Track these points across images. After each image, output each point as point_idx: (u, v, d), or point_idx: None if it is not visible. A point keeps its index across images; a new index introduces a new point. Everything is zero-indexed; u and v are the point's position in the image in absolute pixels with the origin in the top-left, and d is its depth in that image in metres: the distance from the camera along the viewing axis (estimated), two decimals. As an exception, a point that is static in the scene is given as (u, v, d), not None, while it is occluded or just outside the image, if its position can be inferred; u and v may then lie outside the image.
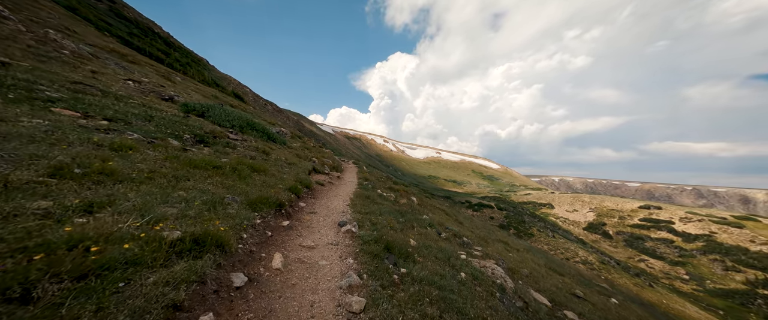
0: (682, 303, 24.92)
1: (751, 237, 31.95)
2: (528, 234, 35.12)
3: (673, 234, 35.17)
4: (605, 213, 42.46)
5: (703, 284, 29.28)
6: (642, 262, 33.67)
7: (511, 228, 36.98)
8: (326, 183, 8.25)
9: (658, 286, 28.17)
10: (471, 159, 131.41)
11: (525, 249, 9.93)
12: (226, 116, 7.87)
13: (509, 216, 40.28)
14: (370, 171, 16.06)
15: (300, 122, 54.87)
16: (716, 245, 32.17)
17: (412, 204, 8.66)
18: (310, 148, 14.20)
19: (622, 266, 30.55)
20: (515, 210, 43.67)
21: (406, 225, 4.99)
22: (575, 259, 29.75)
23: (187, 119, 6.31)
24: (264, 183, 4.88)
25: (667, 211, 39.32)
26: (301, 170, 7.58)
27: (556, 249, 31.74)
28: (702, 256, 31.74)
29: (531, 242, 33.45)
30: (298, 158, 9.54)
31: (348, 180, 10.11)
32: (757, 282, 27.73)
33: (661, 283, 30.00)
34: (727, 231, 33.56)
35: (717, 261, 30.76)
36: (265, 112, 31.76)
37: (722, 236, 33.14)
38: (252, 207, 3.52)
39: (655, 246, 34.67)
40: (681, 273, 31.11)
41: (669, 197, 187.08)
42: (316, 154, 12.96)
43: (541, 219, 41.68)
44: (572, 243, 33.58)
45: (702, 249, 32.35)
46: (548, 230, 36.18)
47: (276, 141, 9.89)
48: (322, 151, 15.90)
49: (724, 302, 27.11)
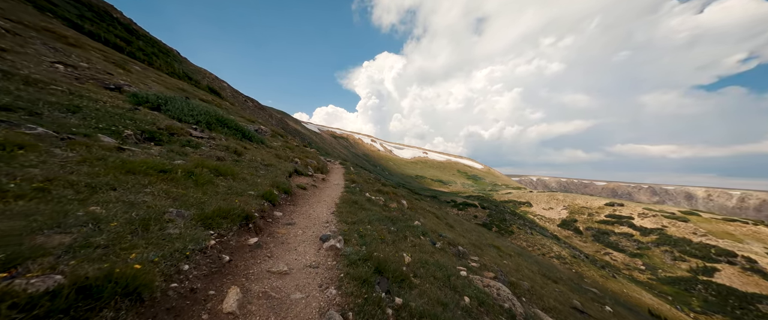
0: (639, 291, 27.25)
1: (693, 230, 36.01)
2: (509, 232, 36.49)
3: (633, 229, 38.58)
4: (576, 210, 45.56)
5: (656, 273, 32.39)
6: (607, 255, 36.51)
7: (494, 226, 38.21)
8: (309, 186, 7.43)
9: (620, 277, 30.64)
10: (456, 159, 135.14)
11: (516, 253, 9.90)
12: (189, 110, 6.71)
13: (492, 214, 41.62)
14: (357, 172, 15.29)
15: (284, 120, 52.25)
16: (667, 237, 35.81)
17: (403, 208, 8.12)
18: (293, 148, 13.10)
19: (591, 259, 32.82)
20: (497, 208, 45.27)
21: (398, 235, 4.41)
22: (550, 255, 31.37)
23: (134, 112, 5.17)
24: (230, 191, 4.02)
25: (628, 208, 43.11)
26: (280, 172, 6.69)
27: (533, 246, 33.27)
28: (655, 248, 35.14)
29: (512, 239, 34.77)
30: (277, 159, 8.57)
31: (334, 183, 9.33)
32: (698, 270, 31.24)
33: (623, 274, 32.71)
34: (675, 224, 37.50)
35: (667, 252, 34.21)
36: (244, 108, 29.55)
37: (671, 229, 36.97)
38: (206, 224, 2.72)
39: (618, 240, 37.77)
40: (638, 264, 34.18)
41: (629, 194, 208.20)
42: (298, 154, 11.97)
43: (520, 217, 43.60)
44: (548, 239, 35.45)
45: (656, 242, 35.81)
46: (527, 227, 37.89)
47: (253, 139, 8.82)
48: (305, 151, 14.81)
49: (672, 288, 30.18)
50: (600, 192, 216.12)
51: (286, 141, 15.29)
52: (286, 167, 7.72)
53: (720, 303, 27.13)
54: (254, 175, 5.57)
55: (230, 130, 7.70)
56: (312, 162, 11.04)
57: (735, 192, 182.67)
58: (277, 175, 6.31)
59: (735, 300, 26.86)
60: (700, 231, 35.53)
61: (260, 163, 6.83)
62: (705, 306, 27.06)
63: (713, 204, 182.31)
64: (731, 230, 35.50)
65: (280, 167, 7.29)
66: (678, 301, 27.95)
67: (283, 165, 7.94)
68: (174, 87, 12.08)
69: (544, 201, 51.63)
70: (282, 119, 50.76)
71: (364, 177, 13.10)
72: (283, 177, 6.53)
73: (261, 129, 13.16)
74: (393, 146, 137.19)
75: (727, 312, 25.97)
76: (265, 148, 9.43)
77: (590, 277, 27.46)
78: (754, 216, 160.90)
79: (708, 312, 26.22)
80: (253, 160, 6.75)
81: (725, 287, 28.10)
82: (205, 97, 15.42)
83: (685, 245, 33.89)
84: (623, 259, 35.43)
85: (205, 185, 3.73)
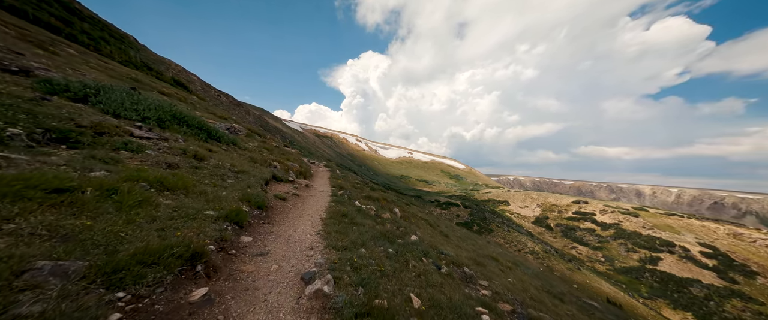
0: (599, 282, 29.75)
1: (643, 224, 40.44)
2: (488, 230, 37.84)
3: (595, 224, 42.26)
4: (548, 208, 48.82)
5: (613, 264, 35.77)
6: (573, 249, 39.54)
7: (475, 224, 39.37)
8: (290, 196, 6.34)
9: (584, 269, 33.29)
10: (440, 159, 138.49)
11: (513, 263, 9.73)
12: (133, 103, 5.24)
13: (473, 213, 42.88)
14: (344, 175, 14.21)
15: (263, 118, 48.73)
16: (622, 231, 39.75)
17: (396, 218, 7.37)
18: (272, 149, 11.65)
19: (560, 254, 35.26)
20: (478, 207, 46.76)
21: (398, 260, 3.64)
22: (525, 251, 33.03)
23: (39, 103, 3.72)
24: (176, 213, 2.92)
25: (591, 205, 47.20)
26: (254, 180, 5.53)
27: (510, 243, 34.82)
28: (613, 241, 38.81)
29: (491, 237, 36.07)
30: (252, 163, 7.29)
31: (319, 190, 8.27)
32: (646, 260, 35.07)
33: (586, 266, 35.64)
34: (628, 219, 41.80)
35: (622, 245, 37.95)
36: (217, 104, 26.67)
37: (626, 224, 41.13)
38: (113, 280, 1.70)
39: (583, 235, 41.10)
40: (599, 257, 37.50)
41: (592, 192, 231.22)
42: (278, 156, 10.62)
43: (499, 216, 45.51)
44: (523, 236, 37.37)
45: (613, 236, 39.57)
46: (505, 226, 39.57)
47: (222, 140, 7.43)
48: (286, 152, 13.34)
49: (625, 277, 33.50)
50: (567, 190, 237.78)
51: (265, 141, 13.69)
52: (262, 173, 6.52)
53: (662, 289, 30.62)
54: (218, 187, 4.41)
55: (191, 128, 6.29)
56: (294, 166, 9.81)
57: (674, 190, 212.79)
58: (250, 185, 5.16)
59: (673, 285, 30.50)
60: (648, 224, 39.98)
61: (229, 170, 5.60)
62: (651, 291, 30.38)
63: (657, 200, 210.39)
64: (671, 223, 40.49)
65: (254, 173, 6.10)
66: (630, 288, 31.09)
67: (259, 170, 6.72)
68: (123, 76, 10.00)
69: (520, 200, 54.65)
70: (261, 117, 47.28)
71: (352, 182, 12.11)
72: (258, 186, 5.39)
73: (234, 127, 11.55)
74: (378, 146, 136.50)
75: (668, 295, 29.40)
76: (237, 149, 8.06)
77: (559, 271, 29.37)
78: (687, 209, 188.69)
79: (653, 297, 29.47)
80: (219, 166, 5.50)
81: (666, 274, 31.78)
82: (167, 90, 13.22)
83: (637, 238, 37.86)
84: (587, 252, 38.60)
85: (134, 208, 2.60)
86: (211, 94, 28.07)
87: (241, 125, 14.43)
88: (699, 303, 27.46)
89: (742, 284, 29.17)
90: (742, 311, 26.11)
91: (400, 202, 11.83)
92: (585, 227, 42.13)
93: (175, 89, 16.14)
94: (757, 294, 27.75)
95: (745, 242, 35.51)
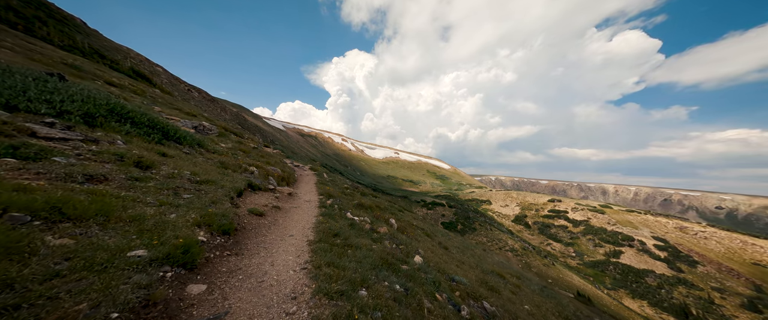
0: (570, 276, 31.66)
1: (608, 220, 43.92)
2: (472, 229, 38.67)
3: (567, 221, 45.09)
4: (526, 206, 51.26)
5: (583, 258, 38.39)
6: (548, 246, 41.84)
7: (459, 224, 40.04)
8: (270, 209, 5.21)
9: (558, 264, 35.30)
10: (426, 159, 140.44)
11: (517, 276, 9.33)
12: (44, 92, 3.78)
13: (458, 213, 43.61)
14: (331, 178, 12.99)
15: (241, 115, 45.20)
16: (590, 227, 42.84)
17: (393, 231, 6.52)
18: (249, 151, 10.15)
19: (537, 250, 37.04)
20: (462, 207, 47.70)
21: (410, 304, 2.81)
22: (506, 248, 34.18)
23: None
24: (64, 268, 1.80)
25: (564, 203, 50.37)
26: (222, 194, 4.34)
27: (492, 241, 35.84)
28: (583, 237, 41.67)
29: (474, 235, 36.90)
30: (222, 170, 5.98)
31: (304, 199, 7.12)
32: (610, 254, 38.09)
33: (559, 261, 37.88)
34: (596, 216, 45.18)
35: (590, 240, 40.88)
36: (187, 99, 23.87)
37: (594, 220, 44.40)
38: None
39: (557, 232, 43.64)
40: (571, 252, 40.05)
41: (564, 191, 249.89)
42: (256, 158, 9.21)
43: (482, 215, 46.81)
44: (504, 234, 38.73)
45: (583, 232, 42.49)
46: (487, 224, 40.71)
47: (183, 141, 6.01)
48: (266, 154, 11.79)
49: (593, 271, 36.10)
50: (543, 189, 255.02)
51: (241, 141, 12.03)
52: (234, 182, 5.27)
53: (623, 280, 33.38)
54: (167, 207, 3.23)
55: (138, 127, 4.87)
56: (275, 171, 8.48)
57: (632, 188, 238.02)
58: (216, 200, 3.98)
59: (632, 276, 33.41)
60: (612, 221, 43.50)
61: (188, 181, 4.34)
62: (614, 283, 33.00)
63: (619, 198, 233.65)
64: (631, 219, 44.48)
65: (224, 183, 4.85)
66: (597, 281, 33.52)
67: (230, 179, 5.44)
68: (55, 61, 7.96)
69: (501, 199, 56.83)
70: (239, 114, 43.77)
71: (340, 187, 11.00)
72: (226, 201, 4.22)
73: (203, 126, 9.94)
74: (365, 146, 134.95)
75: (627, 286, 32.11)
76: (204, 152, 6.65)
77: (536, 267, 30.76)
78: (643, 206, 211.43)
79: (616, 288, 32.04)
80: (173, 177, 4.22)
81: (627, 266, 34.72)
82: (120, 81, 11.08)
83: (603, 233, 40.98)
84: (560, 248, 41.04)
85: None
86: (179, 88, 25.03)
87: (215, 123, 12.67)
88: (653, 291, 30.30)
89: (687, 272, 32.71)
90: (686, 297, 29.23)
91: (393, 209, 10.98)
92: (559, 224, 44.78)
93: (133, 81, 13.82)
94: (698, 280, 31.27)
95: (688, 235, 40.05)
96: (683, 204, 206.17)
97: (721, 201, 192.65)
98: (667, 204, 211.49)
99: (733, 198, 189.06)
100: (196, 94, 28.43)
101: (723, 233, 39.69)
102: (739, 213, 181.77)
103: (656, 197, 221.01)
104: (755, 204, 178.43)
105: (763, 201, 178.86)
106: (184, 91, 26.01)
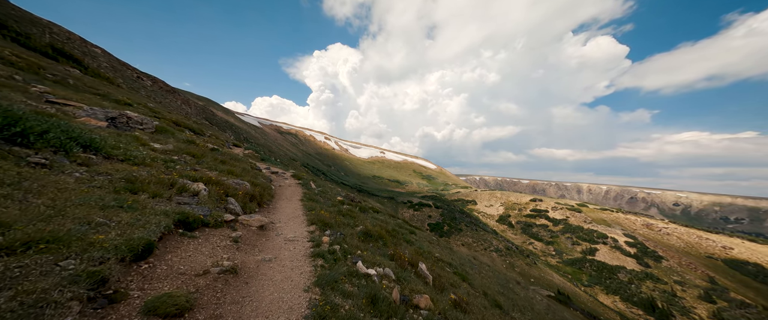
0: (551, 274, 33.04)
1: (584, 219, 46.67)
2: (458, 230, 39.03)
3: (548, 220, 47.25)
4: (510, 206, 53.04)
5: (562, 257, 40.42)
6: (530, 245, 43.53)
7: (446, 225, 40.24)
8: (213, 280, 2.84)
9: (539, 263, 36.79)
10: (412, 159, 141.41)
11: (528, 308, 8.24)
12: None
13: (444, 214, 43.87)
14: (321, 188, 11.10)
15: (208, 109, 41.56)
16: (569, 226, 45.23)
17: (430, 289, 4.75)
18: (203, 154, 7.51)
19: (520, 250, 38.32)
20: (448, 208, 48.11)
21: None
22: (491, 249, 34.85)
23: None
24: None
25: (545, 203, 52.81)
26: (65, 278, 1.84)
27: (478, 241, 36.41)
28: (562, 235, 43.88)
29: (461, 236, 37.25)
30: (117, 200, 3.28)
31: (286, 235, 4.87)
32: (587, 251, 40.47)
33: (541, 260, 39.57)
34: (574, 215, 47.83)
35: (569, 238, 43.13)
36: (136, 89, 20.97)
37: (572, 219, 46.94)
38: None
39: (538, 231, 45.55)
40: (551, 251, 42.00)
41: (544, 190, 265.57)
42: (212, 166, 6.81)
43: (467, 215, 47.55)
44: (489, 234, 39.57)
45: (562, 230, 44.75)
46: (473, 225, 41.33)
47: (43, 145, 3.96)
48: (232, 159, 8.93)
49: (571, 268, 38.11)
50: (525, 188, 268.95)
51: (195, 138, 10.10)
52: (130, 228, 2.83)
53: (598, 276, 35.52)
54: None
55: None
56: (239, 186, 6.11)
57: (603, 187, 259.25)
58: (51, 302, 1.73)
59: (606, 273, 35.68)
60: (588, 219, 46.26)
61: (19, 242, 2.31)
62: (590, 279, 35.02)
63: (592, 196, 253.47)
64: (605, 217, 47.67)
65: (95, 238, 2.40)
66: (574, 278, 35.41)
67: (128, 219, 2.98)
68: None
69: (486, 199, 58.35)
70: (206, 108, 40.15)
71: (333, 199, 9.18)
72: (70, 300, 1.94)
73: (127, 118, 8.18)
74: (349, 145, 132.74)
75: (602, 282, 34.22)
76: (99, 163, 4.33)
77: (519, 266, 31.67)
78: (613, 203, 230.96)
79: (591, 285, 34.02)
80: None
81: (601, 263, 37.01)
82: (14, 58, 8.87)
83: (580, 231, 43.41)
84: (541, 247, 42.85)
85: None
86: (126, 74, 21.92)
87: (160, 115, 10.70)
88: (624, 286, 32.54)
89: (653, 267, 35.60)
90: (652, 291, 31.71)
91: (404, 232, 9.04)
92: (540, 223, 46.77)
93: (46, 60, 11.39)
94: (662, 274, 34.11)
95: (653, 231, 43.75)
96: (647, 202, 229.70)
97: (677, 199, 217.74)
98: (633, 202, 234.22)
99: (687, 195, 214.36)
100: (149, 82, 25.23)
101: (682, 229, 43.85)
102: (693, 209, 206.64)
103: (624, 195, 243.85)
104: (705, 201, 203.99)
105: (711, 198, 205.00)
106: (133, 78, 22.89)
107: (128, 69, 22.86)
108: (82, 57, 15.72)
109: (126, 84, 19.96)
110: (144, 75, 25.22)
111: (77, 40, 18.62)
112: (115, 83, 17.04)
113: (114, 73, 19.35)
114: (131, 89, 20.21)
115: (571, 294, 25.66)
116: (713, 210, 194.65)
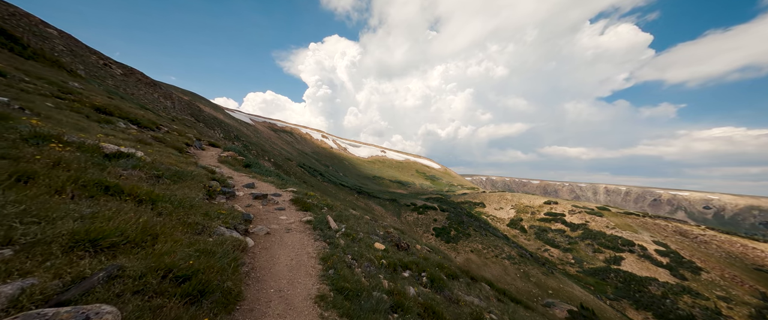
0: (571, 285, 30.20)
1: (606, 224, 43.52)
2: (466, 235, 36.52)
3: (565, 225, 44.26)
4: (522, 209, 50.17)
5: (582, 265, 37.49)
6: (546, 252, 40.67)
7: (452, 229, 37.85)
8: None
9: (557, 272, 33.98)
10: (415, 159, 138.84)
11: None
12: None
13: (450, 217, 41.45)
14: (345, 229, 4.54)
15: (194, 104, 40.17)
16: (589, 231, 42.19)
17: None
18: (150, 158, 4.68)
19: (534, 257, 35.60)
20: (455, 210, 45.62)
21: None
22: (502, 256, 32.26)
23: None
24: None
25: (560, 205, 49.78)
26: None
27: (488, 248, 33.87)
28: (581, 242, 40.88)
29: (469, 242, 34.80)
30: None
31: None
32: (611, 260, 37.44)
33: (558, 269, 36.76)
34: (594, 219, 44.70)
35: (589, 245, 40.11)
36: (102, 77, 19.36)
37: (592, 224, 43.85)
38: None
39: (554, 237, 42.61)
40: (569, 259, 39.07)
41: (556, 191, 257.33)
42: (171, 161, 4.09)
43: (475, 219, 44.96)
44: (500, 240, 36.93)
45: (581, 236, 41.72)
46: (482, 230, 38.77)
47: None
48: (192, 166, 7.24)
49: (593, 279, 35.15)
50: (535, 189, 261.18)
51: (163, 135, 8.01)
52: None
53: (625, 289, 32.49)
54: None
55: None
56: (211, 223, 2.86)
57: (622, 188, 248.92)
58: None
59: (635, 285, 32.62)
60: (610, 224, 43.08)
61: None
62: (616, 292, 32.05)
63: (610, 198, 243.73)
64: (630, 222, 44.35)
65: None
66: (598, 290, 32.49)
67: None
68: None
69: (495, 201, 55.54)
70: (191, 103, 38.75)
71: (373, 253, 4.10)
72: None
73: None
74: (348, 143, 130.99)
75: (631, 295, 31.19)
76: None
77: (535, 276, 29.01)
78: (634, 206, 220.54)
79: (618, 298, 31.05)
80: None
81: (629, 274, 33.94)
82: None
83: (602, 237, 40.31)
84: (558, 254, 39.92)
85: None
86: (88, 60, 20.36)
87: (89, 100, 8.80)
88: (657, 301, 29.50)
89: (690, 280, 32.34)
90: (692, 307, 28.59)
91: None
92: (556, 228, 43.82)
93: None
94: (702, 289, 30.90)
95: (688, 239, 40.25)
96: (672, 204, 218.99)
97: (708, 201, 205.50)
98: (656, 204, 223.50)
99: (719, 197, 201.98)
100: (119, 71, 23.70)
101: (723, 236, 40.21)
102: (726, 212, 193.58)
103: (646, 197, 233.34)
104: (741, 204, 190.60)
105: (748, 200, 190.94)
106: (98, 65, 21.35)
107: (92, 54, 21.34)
108: (21, 35, 14.06)
109: (87, 71, 18.38)
110: (113, 63, 23.72)
111: (23, 15, 17.06)
112: (68, 69, 15.39)
113: (71, 58, 17.76)
114: (96, 77, 18.63)
115: (595, 309, 22.93)
116: (751, 215, 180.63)
